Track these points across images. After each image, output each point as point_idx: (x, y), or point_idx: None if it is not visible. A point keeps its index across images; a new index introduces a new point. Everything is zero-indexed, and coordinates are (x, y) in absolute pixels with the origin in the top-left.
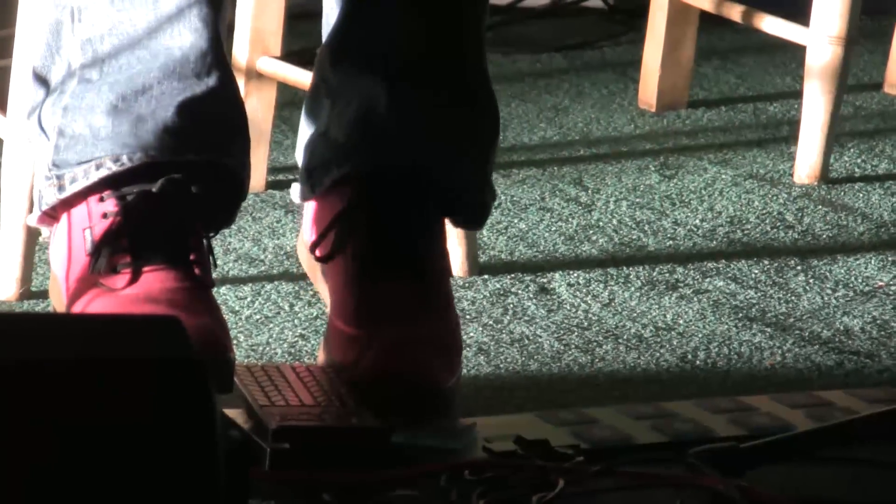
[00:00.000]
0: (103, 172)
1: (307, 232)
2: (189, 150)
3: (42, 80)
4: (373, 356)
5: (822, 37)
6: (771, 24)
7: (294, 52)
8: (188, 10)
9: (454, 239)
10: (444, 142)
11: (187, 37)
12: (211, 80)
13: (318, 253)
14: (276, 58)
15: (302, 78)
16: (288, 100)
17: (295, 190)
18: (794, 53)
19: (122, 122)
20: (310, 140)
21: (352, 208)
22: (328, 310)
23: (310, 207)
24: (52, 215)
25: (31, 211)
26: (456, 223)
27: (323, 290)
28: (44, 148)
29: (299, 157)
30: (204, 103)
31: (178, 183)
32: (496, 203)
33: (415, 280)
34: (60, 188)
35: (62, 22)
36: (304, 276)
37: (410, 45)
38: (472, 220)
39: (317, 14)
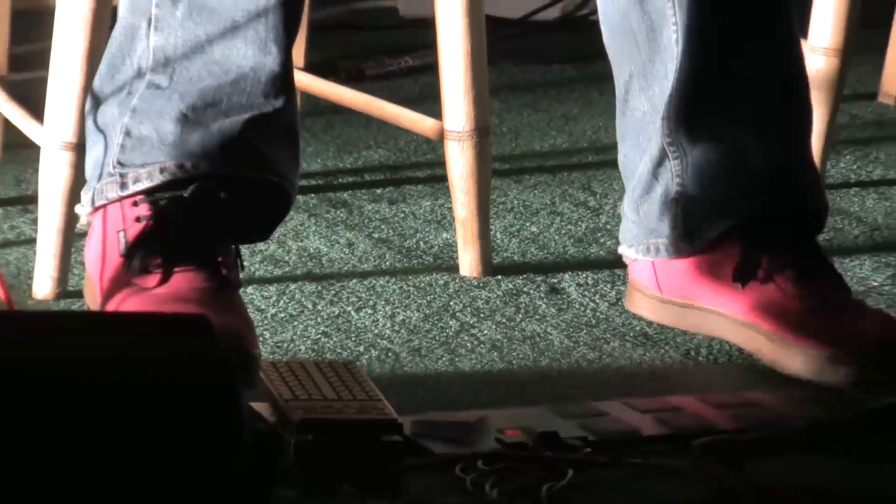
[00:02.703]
0: (167, 177)
1: (647, 279)
2: (249, 166)
3: (103, 83)
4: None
5: (819, 49)
6: None
7: (315, 64)
8: (264, 31)
9: (469, 242)
10: (813, 181)
11: (260, 58)
12: (278, 102)
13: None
14: (299, 69)
15: (323, 88)
16: (310, 109)
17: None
18: None
19: (190, 131)
20: (661, 201)
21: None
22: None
23: (658, 264)
24: (99, 209)
25: (67, 213)
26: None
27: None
28: (98, 146)
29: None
30: (269, 123)
31: (208, 191)
32: (509, 208)
33: (838, 279)
34: (123, 186)
35: (138, 27)
36: (325, 277)
37: (773, 97)
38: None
39: (335, 28)
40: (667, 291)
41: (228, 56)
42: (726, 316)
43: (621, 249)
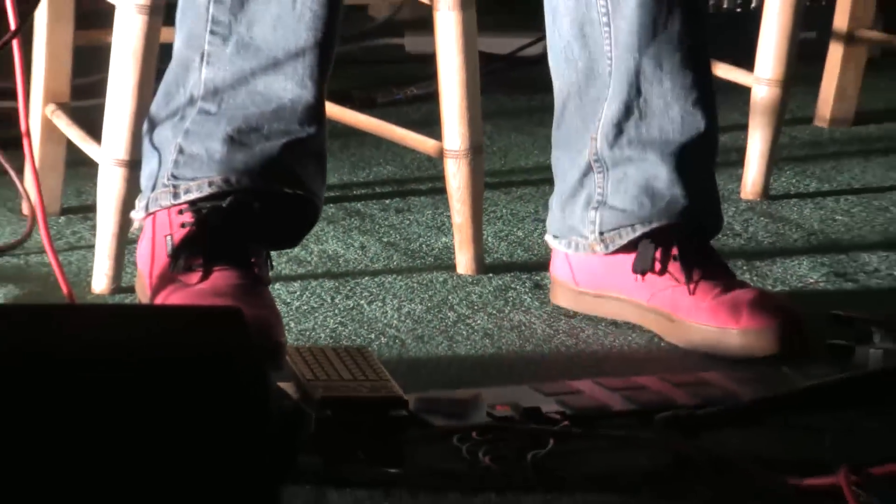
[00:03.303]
0: (213, 189)
1: (565, 275)
2: (284, 183)
3: (159, 108)
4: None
5: (763, 80)
6: (722, 70)
7: (333, 93)
8: (302, 68)
9: (464, 244)
10: (709, 199)
11: (297, 91)
12: (311, 130)
13: (640, 278)
14: None
15: (340, 113)
16: (328, 132)
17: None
18: (741, 93)
19: (235, 151)
20: (583, 206)
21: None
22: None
23: (577, 259)
24: (151, 215)
25: (121, 220)
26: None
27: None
28: (153, 161)
29: (556, 216)
30: (302, 147)
31: (243, 202)
32: (499, 215)
33: (722, 267)
34: (175, 195)
35: (192, 60)
36: (342, 275)
37: (678, 132)
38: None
39: (351, 62)
40: (582, 284)
41: (270, 88)
42: (632, 303)
43: (547, 237)
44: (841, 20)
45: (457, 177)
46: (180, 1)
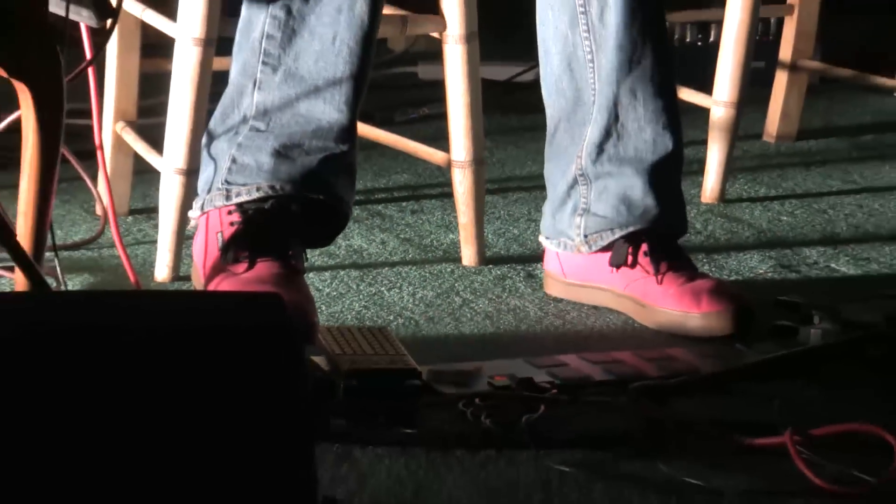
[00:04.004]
0: (261, 194)
1: (555, 269)
2: (320, 191)
3: (216, 125)
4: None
5: (720, 102)
6: (686, 93)
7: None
8: (339, 95)
9: (468, 240)
10: (676, 207)
11: (334, 115)
12: (344, 147)
13: (614, 270)
14: None
15: (364, 130)
16: None
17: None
18: (701, 113)
19: (281, 163)
20: (570, 213)
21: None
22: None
23: (565, 256)
24: (205, 214)
25: (179, 219)
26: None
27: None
28: (209, 169)
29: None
30: (337, 161)
31: (283, 204)
32: (497, 216)
33: (686, 261)
34: (227, 197)
35: (245, 86)
36: (365, 266)
37: (650, 151)
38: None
39: (373, 87)
40: (569, 276)
41: (311, 111)
42: (610, 291)
43: (541, 238)
44: (785, 52)
45: (462, 184)
46: (237, 36)
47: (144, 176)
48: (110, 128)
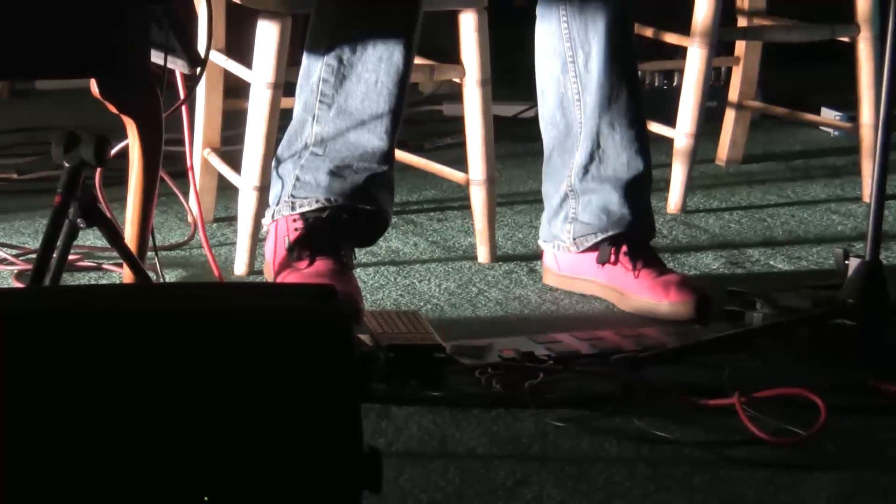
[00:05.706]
0: (319, 205)
1: (552, 265)
2: (366, 202)
3: (283, 151)
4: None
5: (682, 133)
6: (655, 126)
7: None
8: (381, 127)
9: (483, 242)
10: (646, 216)
11: (377, 143)
12: (385, 167)
13: (602, 265)
14: None
15: (401, 155)
16: None
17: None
18: (666, 142)
19: (335, 181)
20: (562, 222)
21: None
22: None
23: (559, 255)
24: (275, 221)
25: (254, 225)
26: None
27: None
28: (277, 185)
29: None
30: (379, 179)
31: (337, 214)
32: (506, 223)
33: (657, 259)
34: (292, 208)
35: (306, 120)
36: (401, 263)
37: (625, 171)
38: (650, 237)
39: (406, 122)
40: (563, 270)
41: (359, 140)
42: (596, 283)
43: (539, 241)
44: (733, 94)
45: (478, 198)
46: (299, 80)
47: (226, 192)
48: (199, 153)
